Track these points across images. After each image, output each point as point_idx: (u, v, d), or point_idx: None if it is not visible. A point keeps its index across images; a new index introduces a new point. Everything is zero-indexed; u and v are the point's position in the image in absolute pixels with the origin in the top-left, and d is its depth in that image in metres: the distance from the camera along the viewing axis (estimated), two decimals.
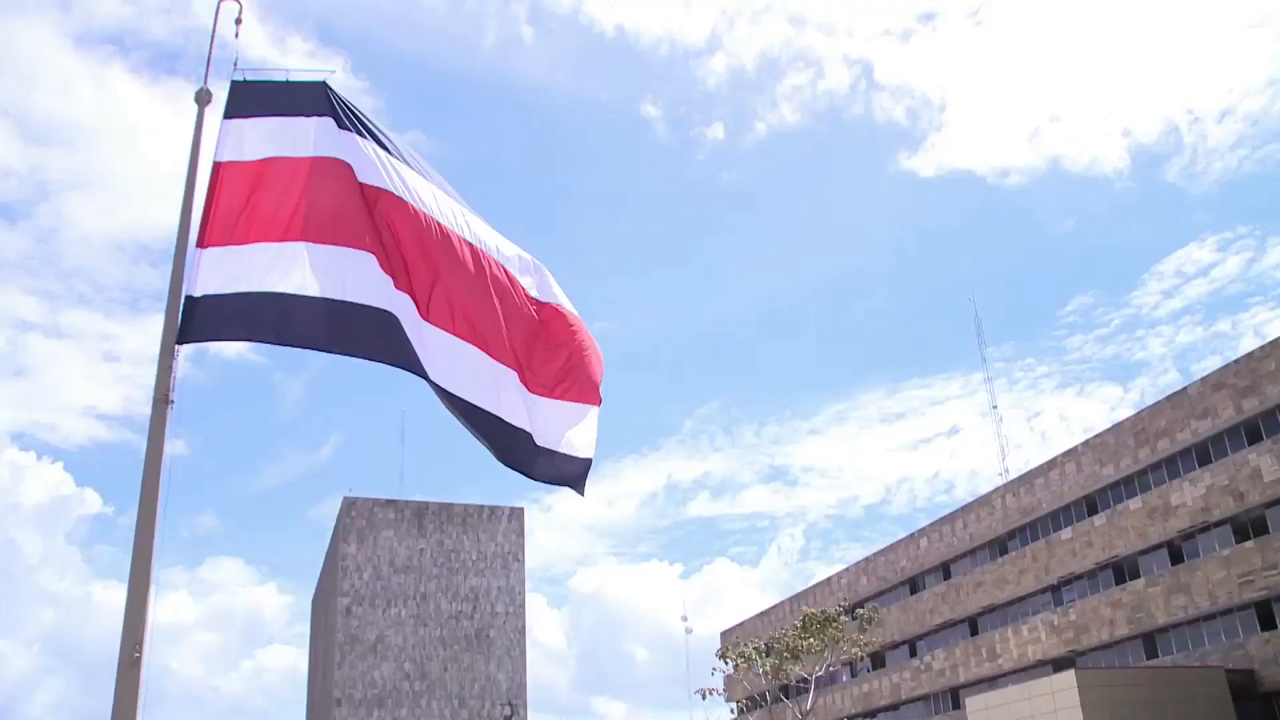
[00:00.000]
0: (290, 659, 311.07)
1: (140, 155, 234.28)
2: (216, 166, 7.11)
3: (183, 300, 6.72)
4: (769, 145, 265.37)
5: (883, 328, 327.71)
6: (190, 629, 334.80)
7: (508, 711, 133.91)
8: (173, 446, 6.36)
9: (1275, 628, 52.34)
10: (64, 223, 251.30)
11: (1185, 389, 57.47)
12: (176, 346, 6.61)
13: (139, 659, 5.90)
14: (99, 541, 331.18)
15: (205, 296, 6.78)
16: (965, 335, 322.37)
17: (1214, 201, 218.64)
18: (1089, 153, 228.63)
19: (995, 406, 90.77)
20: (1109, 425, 63.07)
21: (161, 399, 6.40)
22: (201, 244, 6.92)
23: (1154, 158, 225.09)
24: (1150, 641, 59.23)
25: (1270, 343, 53.27)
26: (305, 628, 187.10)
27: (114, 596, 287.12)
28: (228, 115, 7.28)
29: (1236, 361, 54.73)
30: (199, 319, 6.73)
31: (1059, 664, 62.55)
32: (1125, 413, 67.72)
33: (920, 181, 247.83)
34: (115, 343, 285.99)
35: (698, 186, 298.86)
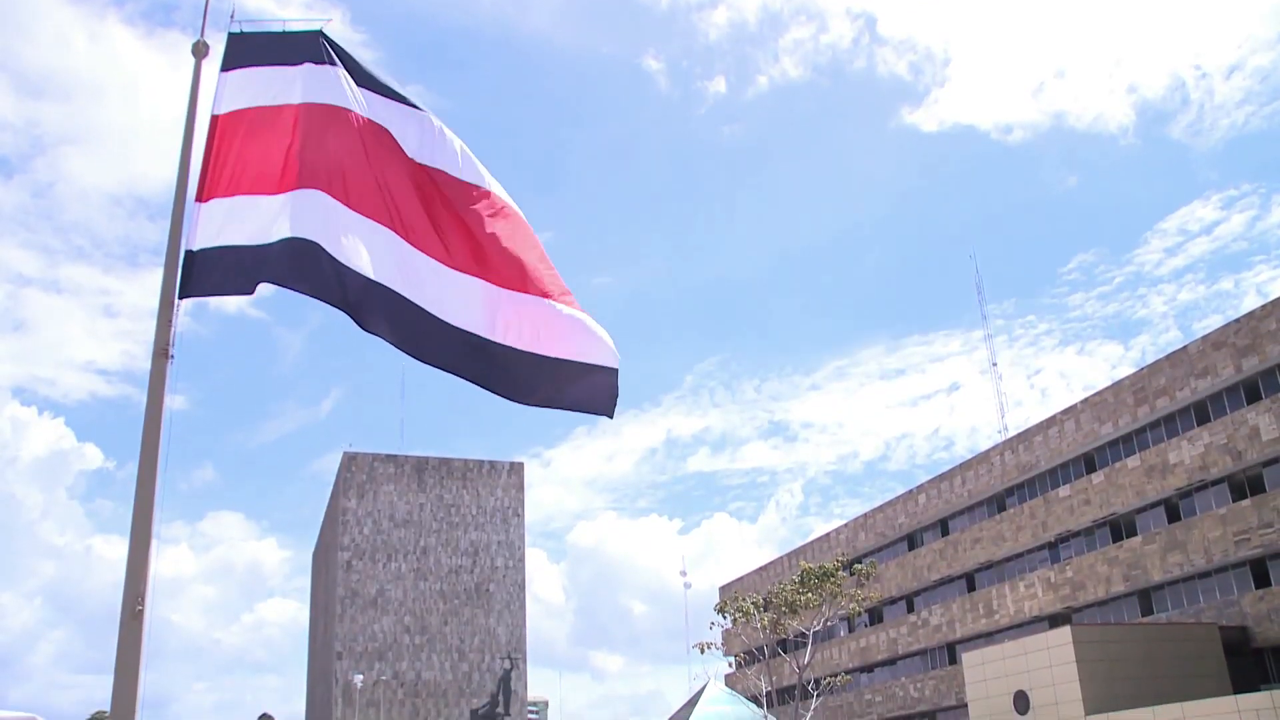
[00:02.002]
0: (291, 612, 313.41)
1: (137, 108, 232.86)
2: (214, 120, 7.05)
3: (182, 254, 6.70)
4: (771, 99, 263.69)
5: (883, 283, 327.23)
6: (191, 582, 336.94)
7: (507, 664, 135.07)
8: (173, 401, 6.35)
9: (1269, 585, 52.69)
10: (61, 177, 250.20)
11: (1185, 347, 57.45)
12: (177, 301, 6.59)
13: (141, 611, 5.92)
14: (100, 496, 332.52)
15: (204, 250, 6.76)
16: (966, 292, 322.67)
17: (1219, 159, 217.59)
18: (1093, 109, 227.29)
19: (995, 364, 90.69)
20: (1109, 383, 63.18)
21: (161, 353, 6.38)
22: (200, 198, 6.89)
23: (1159, 114, 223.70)
24: (1146, 598, 59.65)
25: (1272, 301, 53.16)
26: (305, 581, 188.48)
27: (115, 550, 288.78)
28: (225, 68, 7.21)
29: (1237, 320, 54.65)
30: (198, 273, 6.71)
31: (1055, 620, 62.99)
32: (1126, 371, 67.97)
33: (923, 137, 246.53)
34: (115, 297, 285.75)
35: (699, 141, 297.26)
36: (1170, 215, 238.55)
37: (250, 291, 6.97)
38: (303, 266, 6.89)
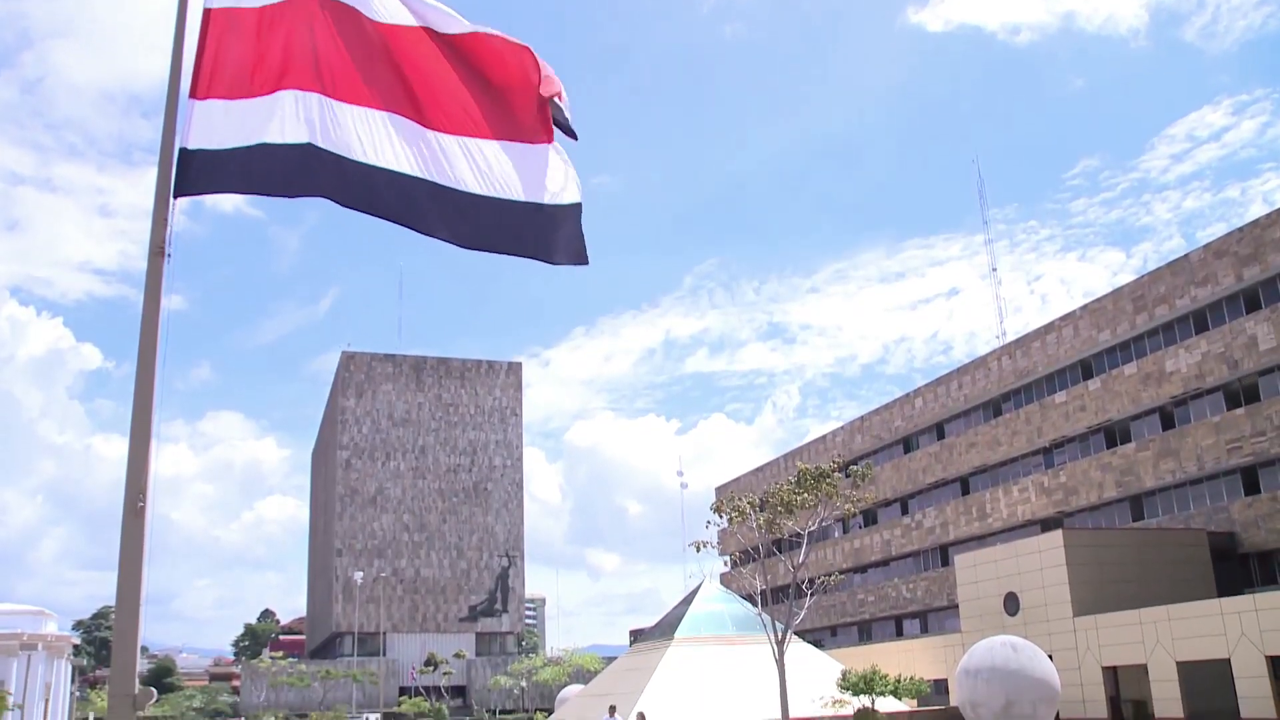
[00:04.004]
0: (290, 510, 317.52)
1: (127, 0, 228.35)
2: (207, 14, 6.86)
3: (177, 153, 6.58)
4: None
5: (885, 186, 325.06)
6: (191, 481, 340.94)
7: (505, 562, 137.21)
8: (170, 301, 6.31)
9: (1258, 492, 53.31)
10: (50, 71, 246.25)
11: (1187, 255, 57.25)
12: (172, 200, 6.50)
13: (143, 509, 5.95)
14: (99, 395, 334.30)
15: (200, 150, 6.64)
16: (968, 196, 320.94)
17: (1233, 63, 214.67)
18: (1104, 9, 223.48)
19: (995, 269, 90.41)
20: (1109, 290, 63.10)
21: (157, 251, 6.32)
22: (194, 95, 6.75)
23: (1173, 16, 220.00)
24: (1137, 504, 60.36)
25: (1277, 210, 52.80)
26: (304, 479, 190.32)
27: (115, 449, 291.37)
28: None
29: (1241, 229, 54.36)
30: (194, 172, 6.60)
31: (1047, 524, 63.82)
32: (1127, 278, 67.86)
33: (928, 37, 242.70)
34: (110, 197, 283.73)
35: (701, 40, 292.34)
36: (1179, 121, 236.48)
37: (250, 192, 6.87)
38: (299, 170, 6.78)
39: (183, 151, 6.59)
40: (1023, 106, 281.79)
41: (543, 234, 6.88)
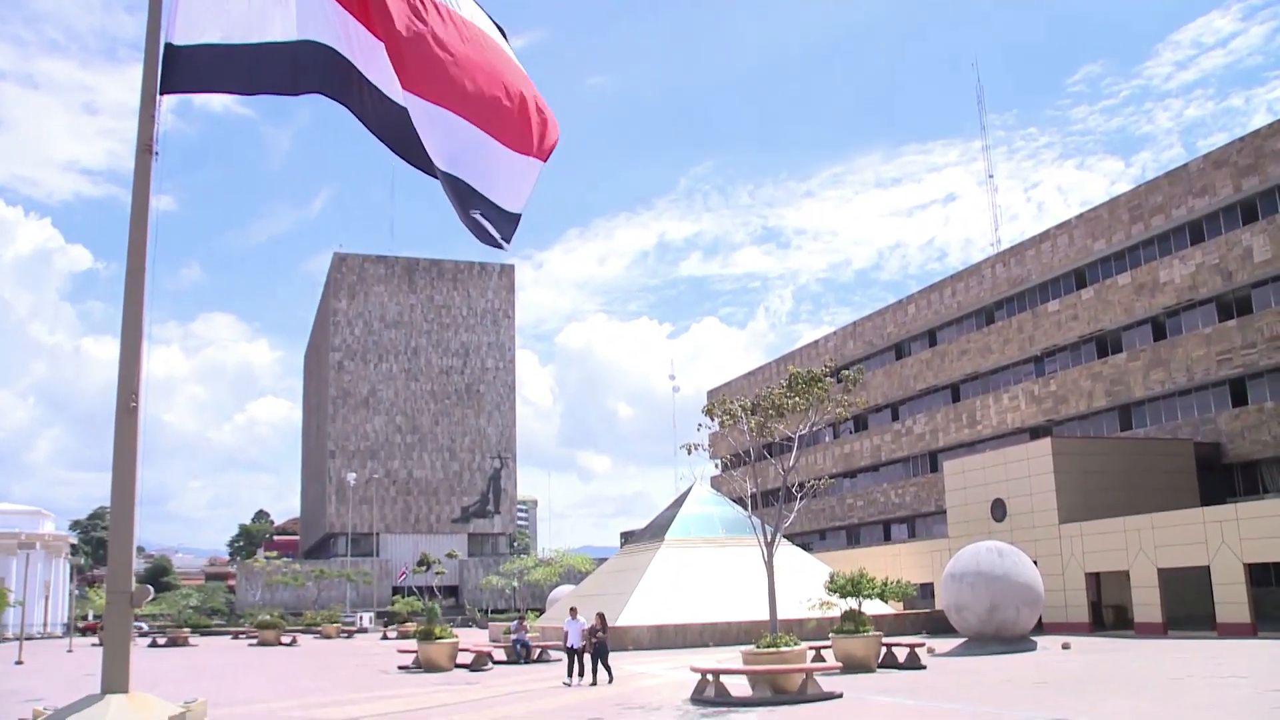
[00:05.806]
0: (283, 412, 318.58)
1: None
2: None
3: (162, 47, 6.43)
4: None
5: (883, 89, 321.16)
6: (183, 382, 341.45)
7: (497, 464, 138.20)
8: (161, 202, 6.22)
9: (1245, 404, 53.67)
10: None
11: (1186, 165, 56.82)
12: (159, 96, 6.37)
13: (135, 408, 5.93)
14: (89, 297, 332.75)
15: (187, 46, 6.48)
16: (967, 101, 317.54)
17: None
18: None
19: (992, 176, 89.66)
20: (1105, 199, 62.74)
21: (145, 149, 6.22)
22: None
23: None
24: (1126, 413, 60.78)
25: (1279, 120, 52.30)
26: (297, 381, 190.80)
27: (107, 351, 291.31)
28: None
29: (1241, 139, 53.87)
30: (181, 69, 6.45)
31: (1036, 432, 64.32)
32: (1125, 187, 67.33)
33: None
34: (95, 94, 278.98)
35: None
36: (1185, 26, 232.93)
37: (246, 92, 6.73)
38: (311, 70, 6.65)
39: (168, 47, 6.43)
40: (1025, 10, 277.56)
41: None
